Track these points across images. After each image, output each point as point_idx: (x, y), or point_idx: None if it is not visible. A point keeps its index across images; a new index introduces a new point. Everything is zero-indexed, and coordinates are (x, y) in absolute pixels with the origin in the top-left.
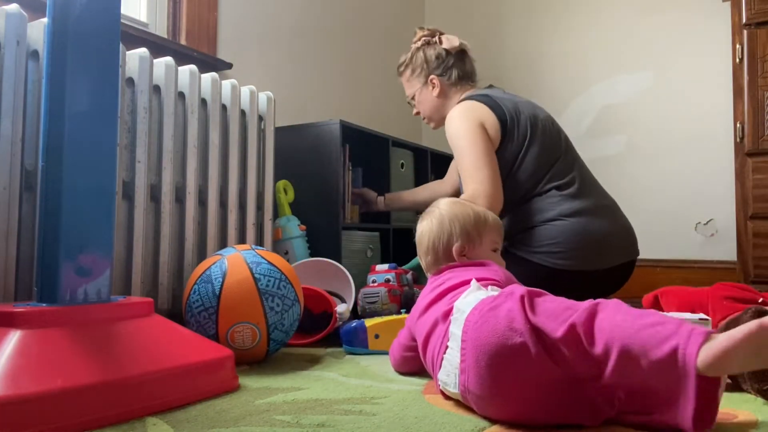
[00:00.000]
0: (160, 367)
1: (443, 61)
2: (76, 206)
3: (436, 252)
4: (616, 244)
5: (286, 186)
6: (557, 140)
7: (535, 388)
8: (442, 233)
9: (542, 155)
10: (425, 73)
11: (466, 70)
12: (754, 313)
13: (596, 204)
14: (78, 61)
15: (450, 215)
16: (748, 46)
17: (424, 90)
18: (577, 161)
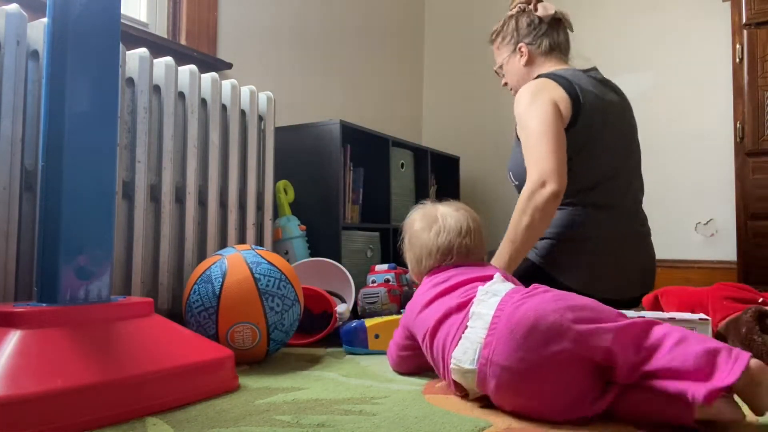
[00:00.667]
0: (160, 367)
1: (534, 28)
2: (76, 206)
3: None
4: (637, 277)
5: (286, 186)
6: (620, 155)
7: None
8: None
9: (594, 167)
10: (514, 41)
11: (558, 40)
12: (754, 313)
13: (631, 231)
14: (78, 61)
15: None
16: (748, 46)
17: (512, 58)
18: (633, 180)
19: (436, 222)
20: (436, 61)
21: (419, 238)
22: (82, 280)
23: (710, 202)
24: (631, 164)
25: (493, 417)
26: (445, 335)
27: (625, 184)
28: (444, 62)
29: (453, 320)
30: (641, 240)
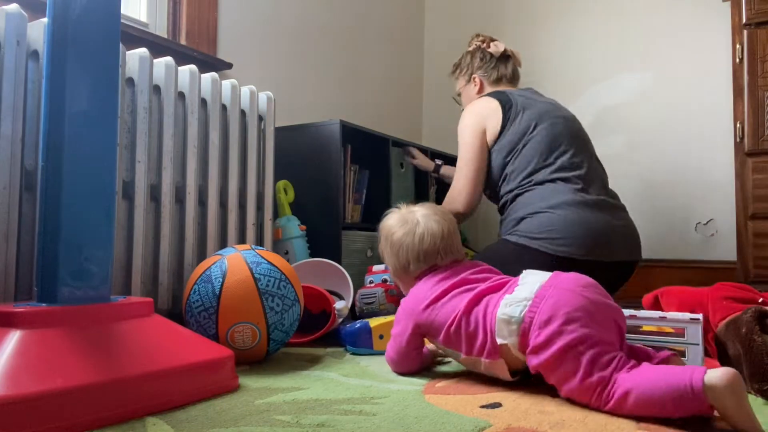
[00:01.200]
0: (160, 367)
1: (486, 62)
2: (76, 206)
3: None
4: (618, 239)
5: (286, 186)
6: (569, 135)
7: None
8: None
9: (547, 143)
10: (469, 72)
11: (506, 72)
12: (754, 313)
13: (601, 200)
14: (78, 61)
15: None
16: (748, 46)
17: (468, 87)
18: (591, 161)
19: (418, 226)
20: (436, 61)
21: (402, 244)
22: (82, 280)
23: (710, 202)
24: (582, 144)
25: (493, 417)
26: (485, 308)
27: (581, 158)
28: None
29: (490, 300)
30: (616, 210)
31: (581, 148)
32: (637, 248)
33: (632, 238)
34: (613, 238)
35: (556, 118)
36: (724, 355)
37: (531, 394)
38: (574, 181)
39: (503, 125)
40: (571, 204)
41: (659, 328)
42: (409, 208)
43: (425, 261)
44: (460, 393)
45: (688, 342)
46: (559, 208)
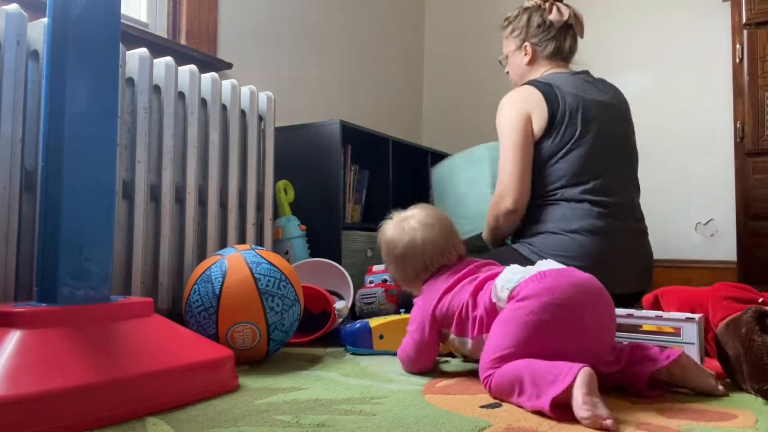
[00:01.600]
0: (160, 367)
1: (544, 30)
2: (76, 206)
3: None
4: (629, 271)
5: (286, 186)
6: (614, 150)
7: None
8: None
9: (586, 160)
10: (522, 37)
11: (563, 46)
12: (754, 313)
13: (622, 227)
14: (78, 61)
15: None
16: (748, 46)
17: (517, 53)
18: (626, 181)
19: (416, 237)
20: (436, 61)
21: (407, 257)
22: (82, 280)
23: (710, 202)
24: (624, 161)
25: (493, 417)
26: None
27: (618, 180)
28: (444, 62)
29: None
30: (637, 236)
31: (622, 165)
32: (649, 278)
33: (644, 268)
34: (625, 271)
35: (607, 126)
36: (724, 355)
37: None
38: (601, 205)
39: (546, 129)
40: (590, 231)
41: (659, 328)
42: (403, 216)
43: (432, 265)
44: (460, 393)
45: (683, 341)
46: (578, 233)
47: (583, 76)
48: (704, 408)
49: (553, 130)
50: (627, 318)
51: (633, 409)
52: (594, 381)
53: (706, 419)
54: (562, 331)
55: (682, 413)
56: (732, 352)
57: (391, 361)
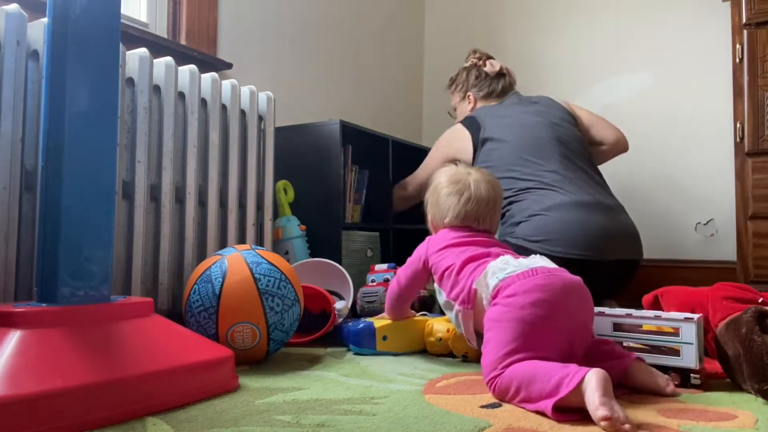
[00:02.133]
0: (160, 367)
1: (481, 81)
2: (76, 206)
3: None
4: (615, 238)
5: (286, 186)
6: (545, 139)
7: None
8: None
9: (524, 154)
10: (464, 89)
11: (497, 88)
12: (754, 313)
13: (596, 201)
14: (78, 61)
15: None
16: (748, 46)
17: (462, 103)
18: (577, 168)
19: (468, 188)
20: (436, 61)
21: (447, 200)
22: (82, 280)
23: (710, 202)
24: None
25: (493, 417)
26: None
27: (566, 164)
28: (444, 62)
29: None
30: (611, 208)
31: (565, 150)
32: (637, 246)
33: (630, 237)
34: (610, 238)
35: (532, 127)
36: (724, 355)
37: None
38: (562, 186)
39: (474, 147)
40: (565, 206)
41: (658, 328)
42: (466, 169)
43: (463, 221)
44: (460, 393)
45: (682, 341)
46: (554, 210)
47: (510, 99)
48: (704, 408)
49: (483, 144)
50: (626, 318)
51: (633, 409)
52: (609, 383)
53: (706, 419)
54: (552, 328)
55: (682, 413)
56: (732, 352)
57: (391, 361)
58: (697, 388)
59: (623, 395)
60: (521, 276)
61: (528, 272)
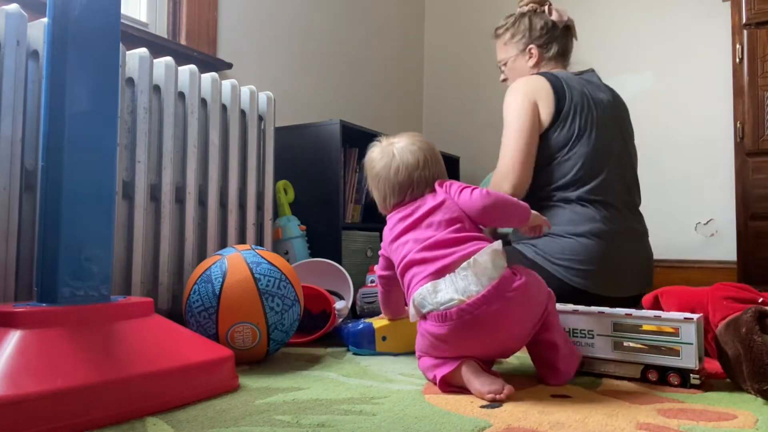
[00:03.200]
0: (160, 367)
1: (548, 32)
2: (76, 206)
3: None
4: (633, 276)
5: (286, 186)
6: (618, 149)
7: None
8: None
9: (591, 158)
10: (525, 41)
11: (566, 47)
12: (754, 313)
13: (625, 229)
14: (78, 61)
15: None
16: (748, 46)
17: (520, 58)
18: (627, 181)
19: (394, 159)
20: (436, 61)
21: (379, 177)
22: (82, 280)
23: (710, 202)
24: (625, 162)
25: (493, 417)
26: (412, 277)
27: (620, 181)
28: (444, 62)
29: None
30: (639, 239)
31: (624, 165)
32: (649, 281)
33: (646, 272)
34: (628, 276)
35: (610, 126)
36: (724, 355)
37: (531, 394)
38: (605, 208)
39: (553, 120)
40: (596, 234)
41: (658, 328)
42: (390, 140)
43: (399, 194)
44: (460, 393)
45: (682, 341)
46: (584, 236)
47: (587, 75)
48: (704, 408)
49: (560, 123)
50: (626, 318)
51: (633, 409)
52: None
53: (706, 419)
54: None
55: (682, 413)
56: (732, 352)
57: (391, 361)
58: (697, 388)
59: (624, 396)
60: (433, 317)
61: (440, 315)
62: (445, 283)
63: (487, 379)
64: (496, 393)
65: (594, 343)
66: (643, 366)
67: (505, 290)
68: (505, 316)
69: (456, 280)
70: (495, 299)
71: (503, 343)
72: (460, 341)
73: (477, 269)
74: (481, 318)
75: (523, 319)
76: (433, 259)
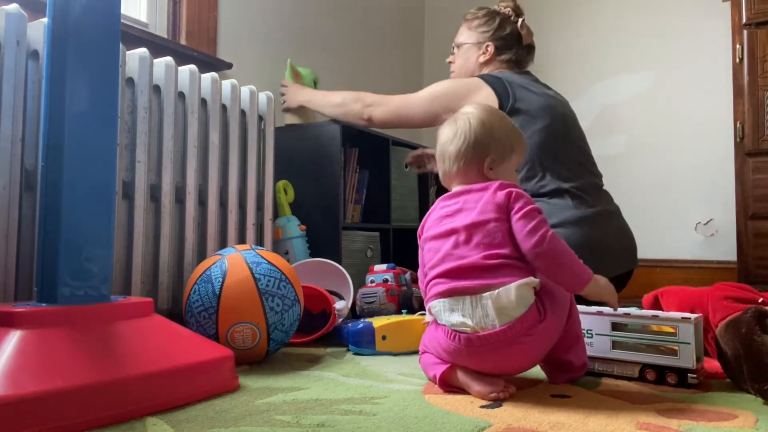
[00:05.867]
0: (160, 367)
1: (511, 40)
2: (76, 206)
3: (462, 161)
4: (616, 254)
5: (286, 186)
6: (571, 135)
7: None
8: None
9: (547, 145)
10: (486, 36)
11: (520, 59)
12: (754, 313)
13: (599, 211)
14: (78, 61)
15: (488, 122)
16: (748, 46)
17: (474, 48)
18: (587, 164)
19: (458, 123)
20: (436, 60)
21: (443, 144)
22: (82, 280)
23: (710, 202)
24: (582, 147)
25: (493, 417)
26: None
27: (582, 166)
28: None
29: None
30: (614, 217)
31: (581, 152)
32: (634, 256)
33: (630, 248)
34: (613, 254)
35: (561, 116)
36: (724, 355)
37: (531, 394)
38: (573, 194)
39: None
40: (572, 222)
41: (657, 327)
42: (464, 110)
43: (446, 176)
44: (460, 393)
45: (679, 341)
46: (561, 227)
47: (530, 76)
48: (704, 408)
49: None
50: (625, 318)
51: (633, 409)
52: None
53: (706, 419)
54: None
55: (682, 413)
56: (732, 352)
57: (391, 361)
58: (695, 388)
59: (624, 396)
60: (444, 330)
61: (449, 333)
62: (461, 305)
63: (487, 379)
64: (498, 392)
65: (593, 342)
66: (642, 365)
67: (522, 333)
68: (513, 356)
69: (474, 307)
70: (507, 341)
71: (509, 372)
72: (463, 362)
73: (498, 304)
74: (488, 354)
75: (533, 355)
76: (458, 277)
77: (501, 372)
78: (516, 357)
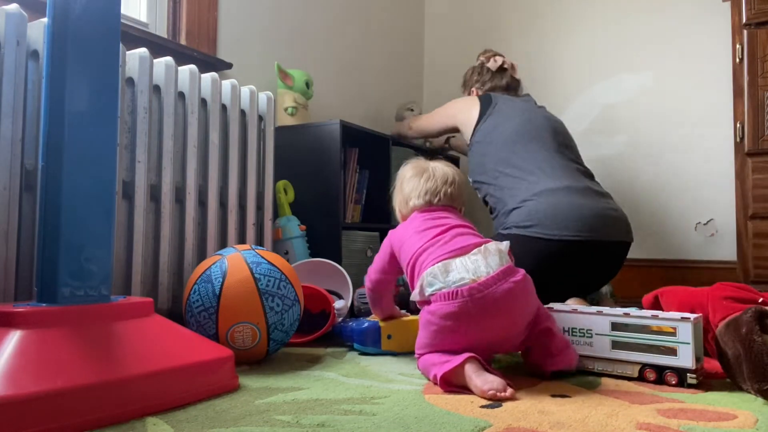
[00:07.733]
0: (160, 367)
1: (483, 75)
2: (76, 206)
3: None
4: (609, 221)
5: (286, 186)
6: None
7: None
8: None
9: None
10: (469, 85)
11: (500, 83)
12: (754, 313)
13: (584, 186)
14: (78, 61)
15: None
16: (748, 46)
17: (465, 94)
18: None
19: (426, 171)
20: (436, 61)
21: (410, 182)
22: (82, 280)
23: (710, 202)
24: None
25: (493, 417)
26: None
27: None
28: (444, 62)
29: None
30: (593, 194)
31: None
32: (628, 228)
33: (621, 219)
34: (601, 219)
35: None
36: (724, 355)
37: (531, 394)
38: (555, 175)
39: (478, 120)
40: (556, 190)
41: (656, 327)
42: (425, 160)
43: (424, 197)
44: (460, 393)
45: (679, 341)
46: (545, 194)
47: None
48: (704, 408)
49: (485, 118)
50: (624, 317)
51: (633, 409)
52: (480, 366)
53: (706, 419)
54: (463, 336)
55: (682, 413)
56: (732, 352)
57: (391, 361)
58: (695, 388)
59: (624, 396)
60: (442, 297)
61: (450, 293)
62: (455, 264)
63: (489, 377)
64: (497, 391)
65: (592, 342)
66: (641, 365)
67: (510, 276)
68: (512, 297)
69: (467, 263)
70: (503, 281)
71: (508, 328)
72: (469, 320)
73: (487, 254)
74: (491, 297)
75: (525, 304)
76: (449, 243)
77: (503, 331)
78: (515, 302)
